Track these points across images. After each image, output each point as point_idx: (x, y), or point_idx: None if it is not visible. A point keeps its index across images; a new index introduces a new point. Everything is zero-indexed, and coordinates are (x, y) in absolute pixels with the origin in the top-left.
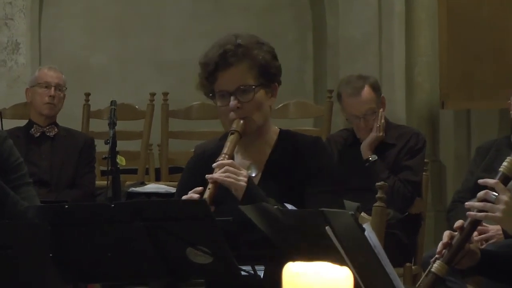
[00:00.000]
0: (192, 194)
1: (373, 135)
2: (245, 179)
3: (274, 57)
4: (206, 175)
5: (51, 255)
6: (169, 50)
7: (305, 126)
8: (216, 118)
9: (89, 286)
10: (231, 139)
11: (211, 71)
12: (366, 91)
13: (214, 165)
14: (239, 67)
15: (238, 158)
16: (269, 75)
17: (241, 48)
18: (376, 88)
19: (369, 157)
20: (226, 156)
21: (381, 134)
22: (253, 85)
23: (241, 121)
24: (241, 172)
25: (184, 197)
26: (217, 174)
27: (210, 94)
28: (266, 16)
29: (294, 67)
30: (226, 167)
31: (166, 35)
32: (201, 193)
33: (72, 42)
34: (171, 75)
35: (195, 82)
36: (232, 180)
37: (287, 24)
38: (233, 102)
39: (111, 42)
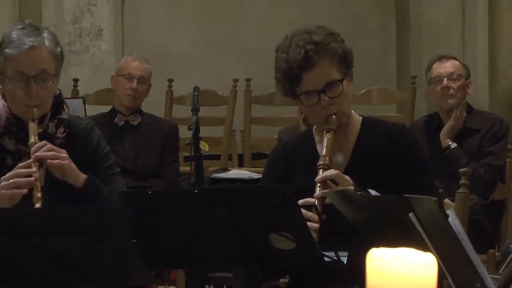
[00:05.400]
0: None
1: (451, 123)
2: (352, 187)
3: (344, 43)
4: (314, 195)
5: (134, 241)
6: (252, 36)
7: (388, 112)
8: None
9: (172, 272)
10: (328, 138)
11: (295, 74)
12: (455, 61)
13: (317, 179)
14: (322, 64)
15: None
16: (347, 63)
17: (320, 45)
18: (465, 65)
19: (449, 144)
20: (327, 158)
21: (459, 123)
22: (340, 79)
23: (334, 117)
24: (347, 179)
25: (300, 201)
26: (322, 192)
27: (298, 96)
28: (349, 3)
29: (377, 54)
30: (336, 173)
31: (248, 20)
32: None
33: (155, 28)
34: (253, 61)
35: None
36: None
37: (370, 10)
38: (324, 99)
39: (193, 28)
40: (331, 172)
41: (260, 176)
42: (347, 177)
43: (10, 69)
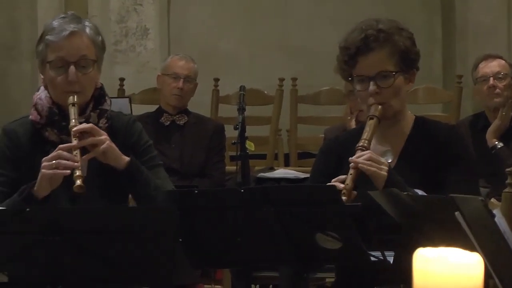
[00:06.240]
0: (338, 184)
1: (497, 123)
2: (386, 168)
3: (414, 43)
4: (350, 158)
5: (180, 240)
6: (297, 35)
7: (434, 111)
8: (345, 103)
9: (218, 271)
10: (370, 124)
11: (352, 55)
12: (501, 60)
13: (351, 159)
14: (379, 53)
15: (374, 144)
16: (408, 61)
17: (382, 33)
18: (511, 64)
19: (495, 144)
20: (366, 141)
21: (505, 122)
22: (393, 71)
23: (379, 107)
24: (382, 161)
25: (333, 181)
26: (360, 159)
27: (349, 78)
28: (394, 1)
29: (422, 52)
30: (369, 155)
31: (294, 20)
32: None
33: (201, 27)
34: (299, 60)
35: (325, 67)
36: (375, 169)
37: (415, 8)
38: (372, 87)
39: (239, 27)
40: (364, 154)
41: (306, 175)
42: (381, 159)
43: (50, 56)
